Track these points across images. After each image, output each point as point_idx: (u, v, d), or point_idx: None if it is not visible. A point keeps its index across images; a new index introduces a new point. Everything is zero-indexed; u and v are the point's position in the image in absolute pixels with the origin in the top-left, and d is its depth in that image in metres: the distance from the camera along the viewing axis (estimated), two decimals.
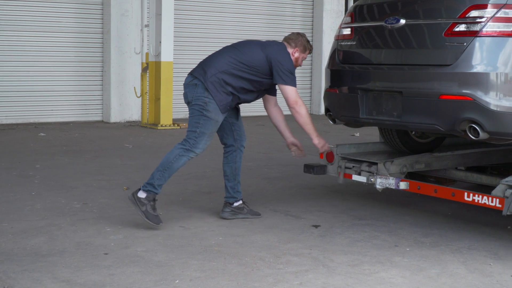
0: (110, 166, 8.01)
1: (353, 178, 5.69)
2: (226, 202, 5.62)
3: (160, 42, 12.01)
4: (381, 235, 5.19)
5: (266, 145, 10.09)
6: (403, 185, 5.30)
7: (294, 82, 5.31)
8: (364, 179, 5.55)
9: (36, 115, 12.67)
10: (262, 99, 5.58)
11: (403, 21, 5.12)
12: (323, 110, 12.55)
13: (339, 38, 5.76)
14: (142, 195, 5.18)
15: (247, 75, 5.25)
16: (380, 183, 5.41)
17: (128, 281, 4.06)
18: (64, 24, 12.83)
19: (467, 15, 4.74)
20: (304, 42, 5.50)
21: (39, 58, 12.64)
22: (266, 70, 5.28)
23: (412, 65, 5.11)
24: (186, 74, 5.42)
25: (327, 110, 5.90)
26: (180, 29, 13.39)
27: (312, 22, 16.02)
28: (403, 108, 5.10)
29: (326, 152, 5.74)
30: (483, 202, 4.81)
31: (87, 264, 4.35)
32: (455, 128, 4.78)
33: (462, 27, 4.75)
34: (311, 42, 16.35)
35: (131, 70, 13.14)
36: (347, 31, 5.69)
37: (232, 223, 5.46)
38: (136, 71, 13.09)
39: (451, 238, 5.14)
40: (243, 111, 5.64)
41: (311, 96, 16.10)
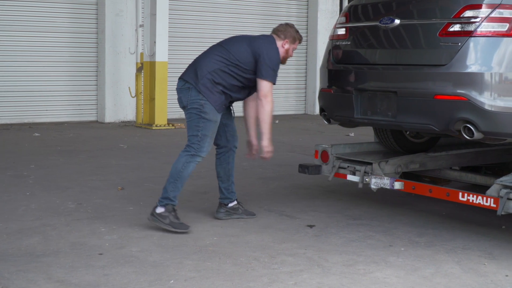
0: (104, 166, 8.00)
1: (347, 178, 5.70)
2: (220, 203, 5.61)
3: (154, 42, 12.00)
4: (375, 235, 5.19)
5: None
6: (397, 185, 5.31)
7: (272, 78, 5.23)
8: (359, 179, 5.56)
9: (30, 115, 12.65)
10: None
11: (397, 21, 5.13)
12: (317, 110, 12.58)
13: (334, 38, 5.77)
14: (160, 210, 5.14)
15: (236, 72, 5.21)
16: (375, 183, 5.42)
17: (122, 281, 4.05)
18: (59, 24, 12.80)
19: (461, 15, 4.74)
20: (293, 32, 5.45)
21: (34, 58, 12.62)
22: (254, 66, 5.24)
23: (407, 65, 5.11)
24: (181, 74, 5.40)
25: (321, 110, 5.90)
26: (174, 29, 13.39)
27: (307, 22, 16.03)
28: (397, 108, 5.10)
29: (264, 159, 5.46)
30: (477, 202, 4.81)
31: (81, 264, 4.34)
32: (450, 128, 4.79)
33: (457, 27, 4.76)
34: (305, 42, 16.33)
35: (125, 70, 13.12)
36: (341, 31, 5.69)
37: (226, 223, 5.45)
38: (130, 71, 13.08)
39: (445, 238, 5.15)
40: (238, 111, 5.63)
41: (305, 96, 16.11)
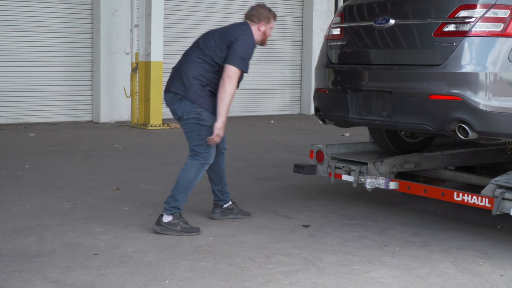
0: (100, 167, 7.99)
1: (343, 178, 5.70)
2: (215, 204, 5.61)
3: (150, 42, 11.99)
4: (371, 235, 5.19)
5: (256, 145, 10.08)
6: (393, 185, 5.32)
7: (239, 64, 5.07)
8: (353, 179, 5.57)
9: (25, 115, 12.63)
10: None
11: (392, 21, 5.13)
12: (313, 110, 12.58)
13: (329, 38, 5.77)
14: (168, 218, 5.08)
15: (218, 70, 5.12)
16: (370, 183, 5.43)
17: (118, 281, 4.05)
18: (54, 24, 12.79)
19: (456, 15, 4.75)
20: (266, 12, 5.32)
21: (29, 58, 12.60)
22: None
23: (402, 65, 5.11)
24: (165, 87, 5.28)
25: (317, 110, 5.90)
26: (170, 29, 13.39)
27: (302, 22, 16.05)
28: (392, 108, 5.11)
29: (210, 142, 5.12)
30: (472, 202, 4.82)
31: (77, 264, 4.33)
32: (445, 128, 4.79)
33: (452, 27, 4.76)
34: (301, 42, 16.31)
35: (121, 70, 13.11)
36: (336, 31, 5.69)
37: (222, 223, 5.45)
38: (126, 71, 13.07)
39: (440, 237, 5.15)
40: (233, 111, 5.62)
41: (301, 96, 16.12)
